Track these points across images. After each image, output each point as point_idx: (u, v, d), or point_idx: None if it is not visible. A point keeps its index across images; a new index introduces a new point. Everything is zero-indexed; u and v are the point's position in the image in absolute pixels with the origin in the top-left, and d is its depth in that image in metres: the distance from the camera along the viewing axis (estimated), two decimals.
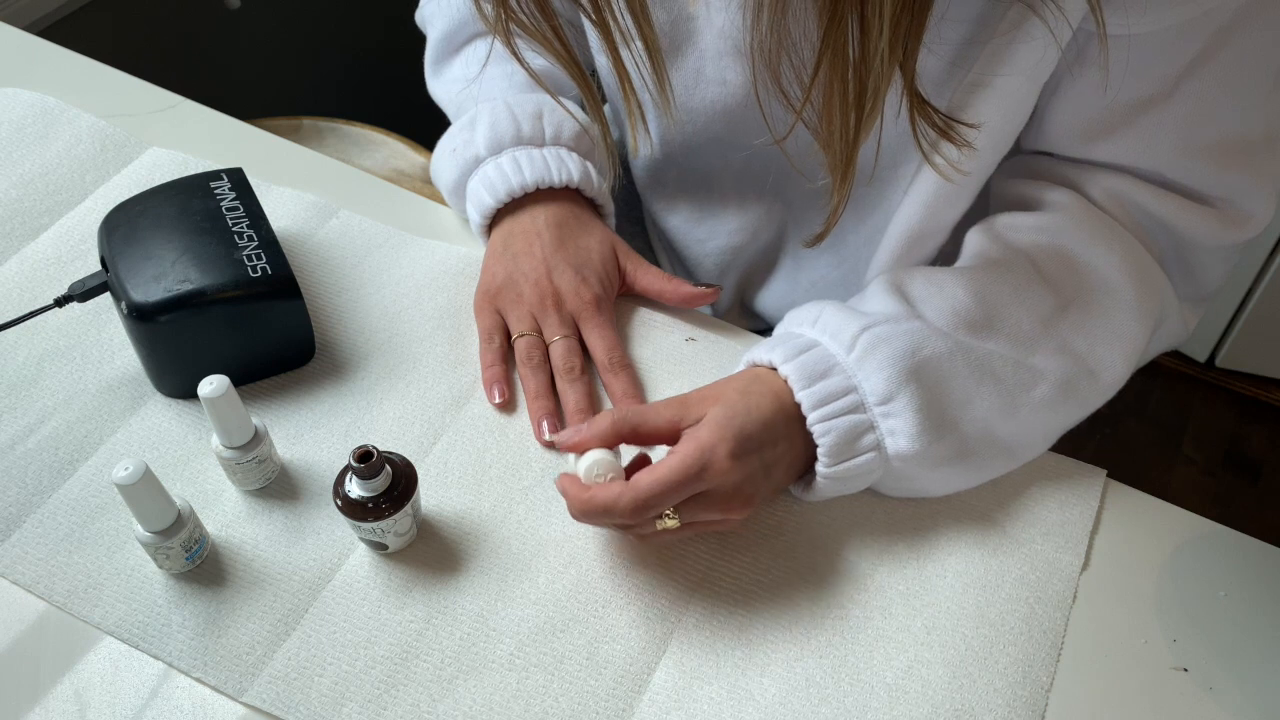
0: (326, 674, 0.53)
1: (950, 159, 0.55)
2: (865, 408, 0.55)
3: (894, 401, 0.54)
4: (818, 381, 0.55)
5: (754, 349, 0.59)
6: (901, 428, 0.54)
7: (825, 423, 0.54)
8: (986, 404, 0.56)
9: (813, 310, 0.59)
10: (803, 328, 0.58)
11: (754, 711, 0.52)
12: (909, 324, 0.56)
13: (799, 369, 0.55)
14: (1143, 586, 0.57)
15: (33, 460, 0.60)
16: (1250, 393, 1.72)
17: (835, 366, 0.55)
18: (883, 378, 0.54)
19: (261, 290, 0.61)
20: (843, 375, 0.55)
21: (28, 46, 0.86)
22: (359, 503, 0.54)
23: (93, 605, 0.55)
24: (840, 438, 0.54)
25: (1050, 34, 0.52)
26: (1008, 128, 0.60)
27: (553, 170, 0.67)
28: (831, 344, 0.56)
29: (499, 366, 0.64)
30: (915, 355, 0.55)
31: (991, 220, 0.63)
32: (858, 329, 0.55)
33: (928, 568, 0.57)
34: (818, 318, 0.58)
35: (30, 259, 0.70)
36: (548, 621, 0.55)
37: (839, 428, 0.54)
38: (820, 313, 0.58)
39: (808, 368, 0.55)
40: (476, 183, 0.68)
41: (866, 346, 0.55)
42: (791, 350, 0.56)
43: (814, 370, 0.55)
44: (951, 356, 0.55)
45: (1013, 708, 0.52)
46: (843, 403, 0.55)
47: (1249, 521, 0.63)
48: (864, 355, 0.55)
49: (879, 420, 0.55)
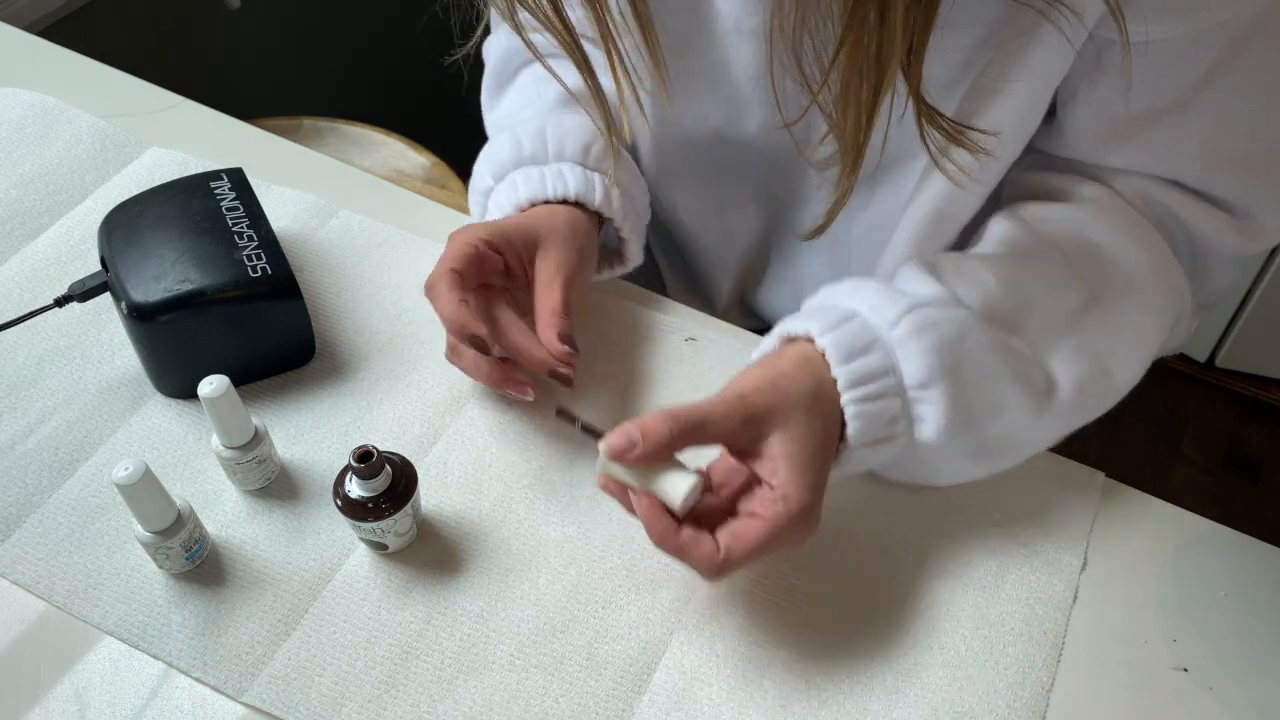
0: (326, 674, 0.53)
1: (963, 164, 0.54)
2: (901, 390, 0.53)
3: (930, 389, 0.53)
4: (857, 358, 0.52)
5: (788, 321, 0.56)
6: (930, 416, 0.53)
7: (859, 405, 0.52)
8: (1014, 409, 0.55)
9: (849, 285, 0.56)
10: (840, 298, 0.56)
11: (754, 713, 0.52)
12: (956, 311, 0.54)
13: (838, 342, 0.52)
14: (1143, 587, 0.57)
15: (33, 460, 0.60)
16: (1250, 393, 1.72)
17: (876, 342, 0.53)
18: (924, 364, 0.52)
19: (261, 290, 0.61)
20: (883, 352, 0.53)
21: (28, 46, 0.86)
22: (359, 503, 0.54)
23: (93, 605, 0.55)
24: (872, 423, 0.52)
25: (1065, 39, 0.52)
26: (1020, 133, 0.59)
27: (548, 185, 0.64)
28: (873, 316, 0.54)
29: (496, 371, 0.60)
30: (959, 345, 0.53)
31: (1018, 208, 0.62)
32: (904, 307, 0.53)
33: (927, 568, 0.57)
34: (856, 290, 0.55)
35: (30, 259, 0.70)
36: (548, 622, 0.55)
37: (871, 413, 0.52)
38: (859, 287, 0.55)
39: (847, 341, 0.52)
40: (492, 208, 0.66)
41: (912, 327, 0.53)
42: (830, 321, 0.53)
43: (853, 345, 0.52)
44: (993, 354, 0.54)
45: (1013, 708, 0.52)
46: (879, 385, 0.52)
47: (1249, 521, 0.63)
48: (909, 335, 0.52)
49: (912, 405, 0.53)
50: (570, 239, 0.62)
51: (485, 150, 0.68)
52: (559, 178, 0.64)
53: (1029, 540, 0.58)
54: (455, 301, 0.56)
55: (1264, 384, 1.73)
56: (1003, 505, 0.60)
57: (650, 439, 0.48)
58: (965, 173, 0.55)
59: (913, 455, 0.55)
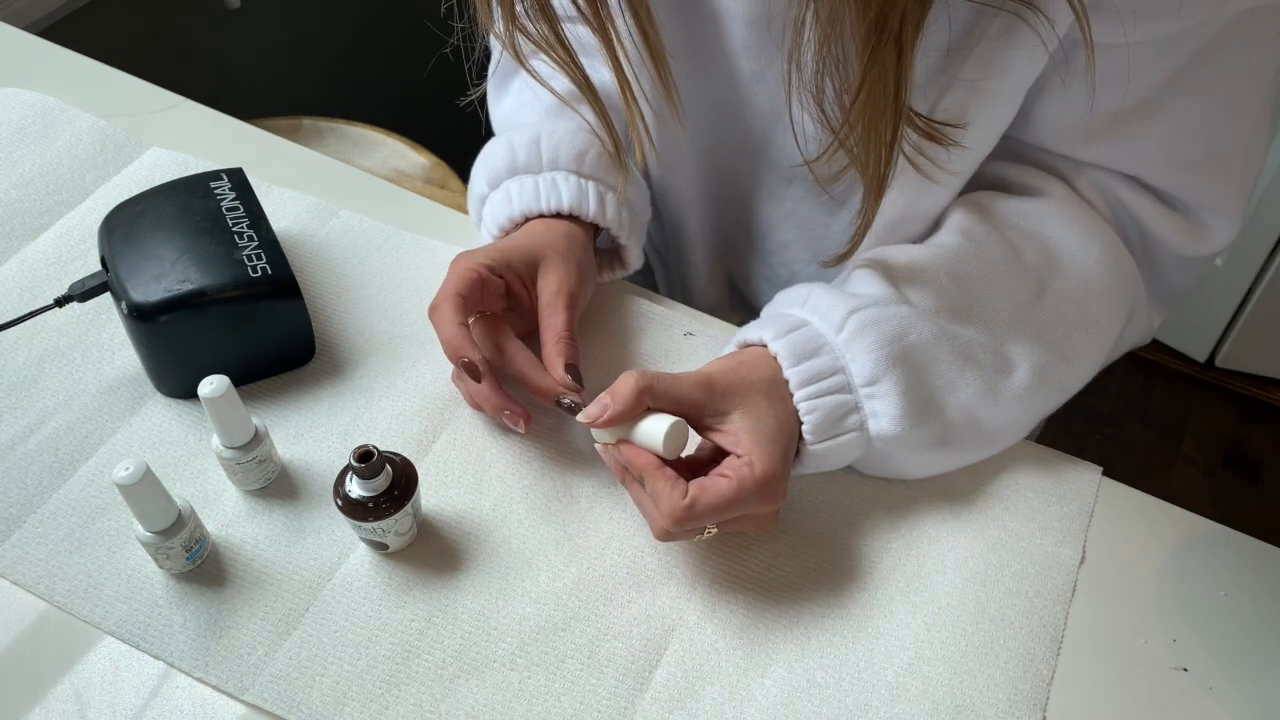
0: (328, 673, 0.53)
1: (936, 159, 0.56)
2: (851, 388, 0.56)
3: (879, 384, 0.55)
4: (806, 360, 0.56)
5: (745, 329, 0.59)
6: (885, 409, 0.55)
7: (811, 400, 0.55)
8: (969, 390, 0.57)
9: (801, 291, 0.59)
10: (792, 308, 0.59)
11: (755, 711, 0.52)
12: (897, 308, 0.56)
13: (789, 347, 0.56)
14: (1142, 586, 0.57)
15: (33, 460, 0.60)
16: (1250, 393, 1.72)
17: (824, 346, 0.56)
18: (870, 360, 0.55)
19: (261, 290, 0.61)
20: (831, 355, 0.56)
21: (28, 46, 0.86)
22: (359, 502, 0.54)
23: (93, 605, 0.55)
24: (825, 416, 0.55)
25: (1040, 41, 0.53)
26: (993, 127, 0.60)
27: (541, 197, 0.64)
28: (821, 324, 0.57)
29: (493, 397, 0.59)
30: (902, 340, 0.56)
31: (976, 199, 0.63)
32: (846, 310, 0.56)
33: (927, 564, 0.57)
34: (806, 298, 0.59)
35: (30, 259, 0.70)
36: (549, 620, 0.55)
37: (824, 406, 0.55)
38: (809, 294, 0.59)
39: (797, 346, 0.56)
40: (487, 218, 0.67)
41: (855, 328, 0.56)
42: (781, 328, 0.57)
43: (803, 349, 0.56)
44: (937, 343, 0.56)
45: (1014, 702, 0.52)
46: (829, 382, 0.55)
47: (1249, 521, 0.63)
48: (852, 336, 0.55)
49: (863, 401, 0.56)
50: (569, 255, 0.62)
51: (483, 154, 0.68)
52: (553, 189, 0.64)
53: (1028, 535, 0.58)
54: (456, 325, 0.57)
55: (1264, 384, 1.73)
56: (1000, 500, 0.60)
57: (619, 397, 0.52)
58: (939, 166, 0.57)
59: (876, 451, 0.57)
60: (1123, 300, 0.62)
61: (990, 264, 0.59)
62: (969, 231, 0.61)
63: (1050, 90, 0.59)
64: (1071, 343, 0.60)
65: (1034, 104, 0.60)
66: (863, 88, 0.49)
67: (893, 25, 0.46)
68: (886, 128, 0.51)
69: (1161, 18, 0.52)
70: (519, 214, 0.64)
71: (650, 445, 0.53)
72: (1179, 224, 0.62)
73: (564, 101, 0.63)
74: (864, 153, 0.53)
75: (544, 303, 0.61)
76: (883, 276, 0.59)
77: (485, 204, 0.67)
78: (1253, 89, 0.57)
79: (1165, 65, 0.55)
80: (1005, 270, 0.59)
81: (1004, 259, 0.60)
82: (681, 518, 0.51)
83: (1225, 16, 0.52)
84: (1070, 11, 0.51)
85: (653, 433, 0.53)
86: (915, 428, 0.56)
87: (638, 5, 0.55)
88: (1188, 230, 0.62)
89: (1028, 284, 0.59)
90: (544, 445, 0.62)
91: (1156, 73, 0.55)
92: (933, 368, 0.56)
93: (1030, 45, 0.54)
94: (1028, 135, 0.63)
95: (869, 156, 0.53)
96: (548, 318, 0.60)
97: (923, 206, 0.64)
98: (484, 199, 0.67)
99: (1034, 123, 0.61)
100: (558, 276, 0.61)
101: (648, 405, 0.53)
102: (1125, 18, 0.52)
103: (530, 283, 0.62)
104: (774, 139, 0.66)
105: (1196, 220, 0.62)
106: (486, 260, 0.60)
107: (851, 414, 0.56)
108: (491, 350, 0.60)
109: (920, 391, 0.56)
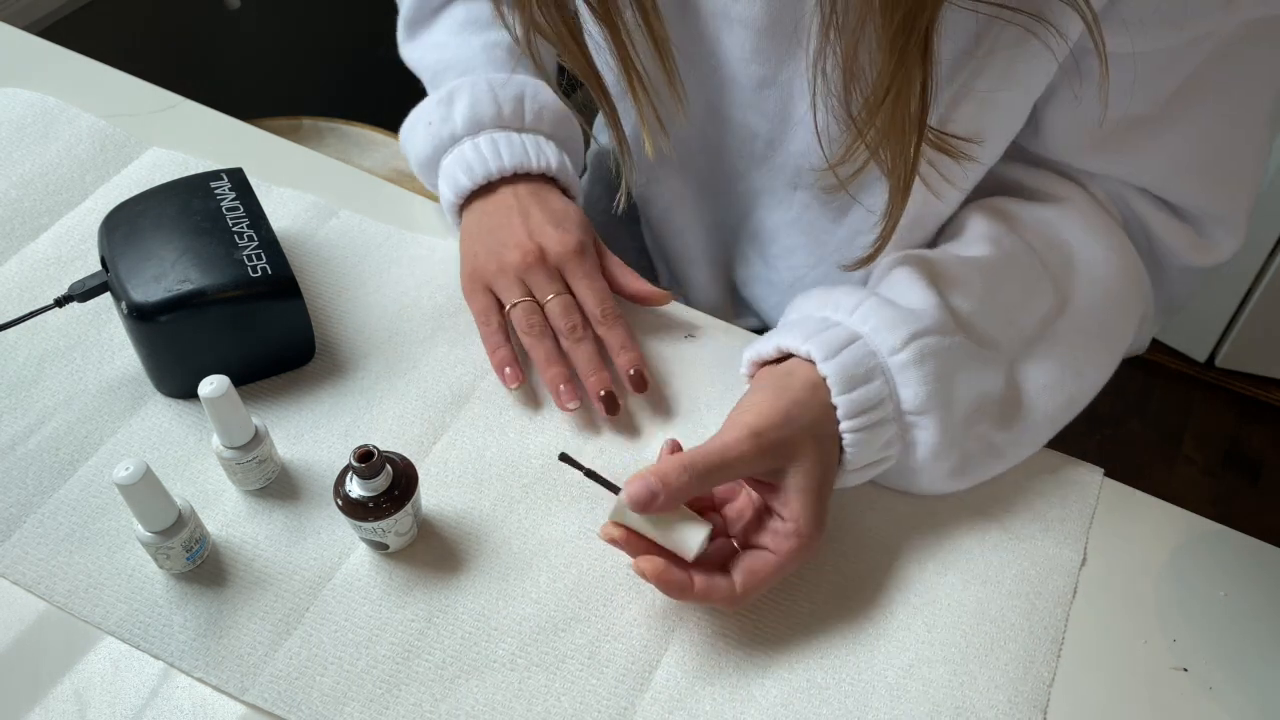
0: (328, 673, 0.53)
1: (946, 173, 0.56)
2: (897, 416, 0.54)
3: (926, 415, 0.54)
4: (859, 387, 0.53)
5: (786, 337, 0.56)
6: (925, 440, 0.55)
7: (859, 434, 0.53)
8: (990, 432, 0.57)
9: (850, 298, 0.56)
10: (840, 314, 0.56)
11: (755, 711, 0.52)
12: (953, 339, 0.55)
13: (839, 370, 0.53)
14: (1142, 587, 0.57)
15: (33, 460, 0.60)
16: (1250, 393, 1.72)
17: (876, 369, 0.54)
18: (924, 391, 0.54)
19: (261, 290, 0.61)
20: (882, 380, 0.54)
21: (28, 46, 0.86)
22: (360, 502, 0.54)
23: (93, 605, 0.55)
24: (869, 447, 0.54)
25: (1050, 51, 0.53)
26: (1002, 138, 0.60)
27: (531, 156, 0.66)
28: (874, 339, 0.54)
29: (505, 348, 0.63)
30: (954, 375, 0.55)
31: (998, 205, 0.63)
32: (908, 333, 0.54)
33: (928, 565, 0.57)
34: (857, 306, 0.56)
35: (30, 259, 0.70)
36: (549, 620, 0.55)
37: (868, 441, 0.54)
38: (859, 303, 0.56)
39: (848, 369, 0.53)
40: (452, 161, 0.67)
41: (915, 355, 0.54)
42: (832, 346, 0.54)
43: (854, 373, 0.53)
44: (978, 378, 0.56)
45: (1014, 704, 0.52)
46: (878, 413, 0.54)
47: (1249, 521, 0.63)
48: (910, 363, 0.54)
49: (906, 430, 0.55)
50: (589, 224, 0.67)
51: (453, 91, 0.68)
52: (540, 151, 0.67)
53: (1029, 536, 0.58)
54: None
55: (1264, 384, 1.73)
56: (1001, 502, 0.60)
57: (670, 489, 0.49)
58: (948, 180, 0.57)
59: (898, 471, 0.58)
60: (1137, 309, 0.62)
61: (1020, 278, 0.59)
62: (998, 241, 0.60)
63: (1060, 100, 0.58)
64: (1088, 355, 0.59)
65: (1043, 114, 0.60)
66: (890, 89, 0.48)
67: (920, 24, 0.46)
68: (912, 129, 0.50)
69: (1169, 28, 0.52)
70: (510, 168, 0.66)
71: (677, 549, 0.51)
72: (1187, 234, 0.62)
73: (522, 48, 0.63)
74: (890, 155, 0.52)
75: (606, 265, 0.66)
76: (930, 285, 0.56)
77: (459, 144, 0.67)
78: (1259, 99, 0.56)
79: (1173, 75, 0.54)
80: (1034, 282, 0.59)
81: (1032, 270, 0.59)
82: (735, 603, 0.51)
83: (1233, 26, 0.52)
84: (1079, 22, 0.51)
85: (684, 543, 0.50)
86: (942, 460, 0.56)
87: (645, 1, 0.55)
88: (1194, 241, 0.62)
89: (1051, 295, 0.59)
90: (545, 446, 0.62)
91: (1165, 83, 0.55)
92: (970, 408, 0.55)
93: (1040, 56, 0.54)
94: (1037, 145, 0.62)
95: (897, 158, 0.52)
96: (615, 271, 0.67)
97: (934, 209, 0.63)
98: (455, 139, 0.67)
99: (1043, 133, 0.61)
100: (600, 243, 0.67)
101: (693, 491, 0.50)
102: (1134, 28, 0.51)
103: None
104: (784, 144, 0.66)
105: (1202, 231, 0.62)
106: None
107: (893, 444, 0.55)
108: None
109: (954, 427, 0.55)
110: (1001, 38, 0.53)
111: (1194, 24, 0.51)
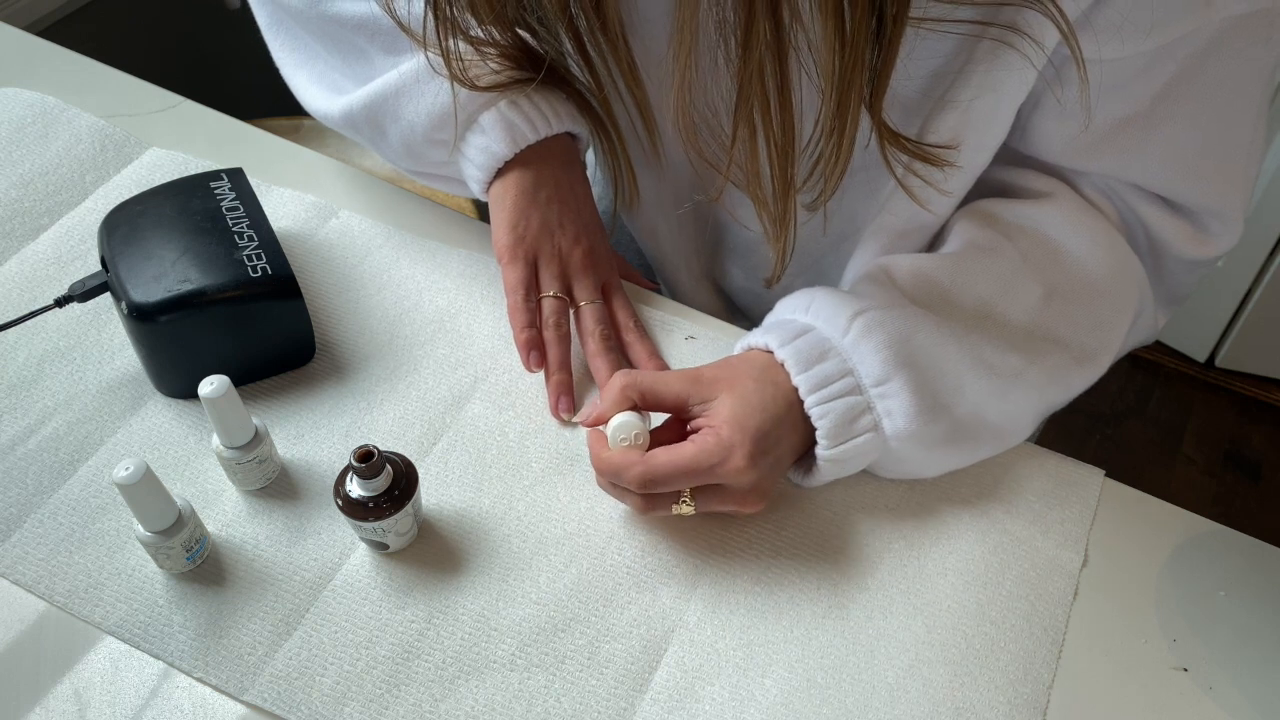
0: (328, 673, 0.53)
1: (930, 179, 0.57)
2: (862, 389, 0.56)
3: (890, 383, 0.55)
4: (815, 365, 0.56)
5: (749, 335, 0.59)
6: (898, 408, 0.55)
7: (823, 405, 0.55)
8: (978, 389, 0.57)
9: (804, 298, 0.59)
10: (795, 314, 0.59)
11: (755, 711, 0.52)
12: (902, 309, 0.57)
13: (795, 353, 0.56)
14: (1142, 586, 0.57)
15: (33, 460, 0.60)
16: (1250, 393, 1.72)
17: (831, 350, 0.56)
18: (879, 360, 0.55)
19: (262, 290, 0.61)
20: (839, 358, 0.56)
21: (28, 46, 0.86)
22: (360, 503, 0.54)
23: (93, 605, 0.55)
24: (838, 419, 0.55)
25: (1028, 61, 0.53)
26: (987, 145, 0.60)
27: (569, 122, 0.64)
28: (826, 328, 0.57)
29: (534, 330, 0.63)
30: (910, 340, 0.56)
31: (980, 207, 0.63)
32: (852, 312, 0.56)
33: (928, 566, 0.57)
34: (809, 304, 0.59)
35: (30, 259, 0.70)
36: (549, 621, 0.55)
37: (836, 410, 0.55)
38: (812, 299, 0.59)
39: (804, 352, 0.56)
40: (493, 118, 0.63)
41: (862, 329, 0.56)
42: (787, 335, 0.57)
43: (810, 354, 0.56)
44: (944, 343, 0.56)
45: (1014, 705, 0.52)
46: (840, 385, 0.55)
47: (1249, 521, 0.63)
48: (859, 338, 0.55)
49: (876, 401, 0.56)
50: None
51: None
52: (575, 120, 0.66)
53: (1029, 538, 0.58)
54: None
55: (1264, 384, 1.73)
56: (1002, 503, 0.60)
57: (606, 395, 0.56)
58: (933, 186, 0.57)
59: (892, 452, 0.57)
60: (1128, 300, 0.62)
61: (995, 269, 0.59)
62: (974, 239, 0.61)
63: (1045, 106, 0.59)
64: (1079, 343, 0.60)
65: (1030, 120, 0.60)
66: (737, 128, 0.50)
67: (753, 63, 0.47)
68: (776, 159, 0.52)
69: (1149, 31, 0.52)
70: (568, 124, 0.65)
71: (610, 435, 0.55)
72: (1184, 227, 0.62)
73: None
74: (752, 191, 0.55)
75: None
76: (887, 282, 0.59)
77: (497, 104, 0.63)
78: (1246, 94, 0.56)
79: (1158, 76, 0.55)
80: (1011, 274, 0.59)
81: (1009, 263, 0.60)
82: (643, 479, 0.53)
83: (1214, 25, 0.52)
84: (1056, 31, 0.51)
85: (610, 426, 0.55)
86: (929, 424, 0.56)
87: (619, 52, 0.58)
88: (1192, 234, 0.62)
89: (1035, 288, 0.59)
90: (545, 446, 0.62)
91: (1150, 84, 0.55)
92: (941, 366, 0.56)
93: (1018, 65, 0.54)
94: (1027, 149, 0.62)
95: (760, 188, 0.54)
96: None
97: (922, 220, 0.63)
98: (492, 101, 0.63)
99: (1031, 137, 0.61)
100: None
101: (634, 402, 0.55)
102: (1112, 34, 0.52)
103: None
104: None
105: (1199, 224, 0.62)
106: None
107: (864, 415, 0.56)
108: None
109: (930, 389, 0.56)
110: (979, 48, 0.54)
111: (1174, 27, 0.52)
